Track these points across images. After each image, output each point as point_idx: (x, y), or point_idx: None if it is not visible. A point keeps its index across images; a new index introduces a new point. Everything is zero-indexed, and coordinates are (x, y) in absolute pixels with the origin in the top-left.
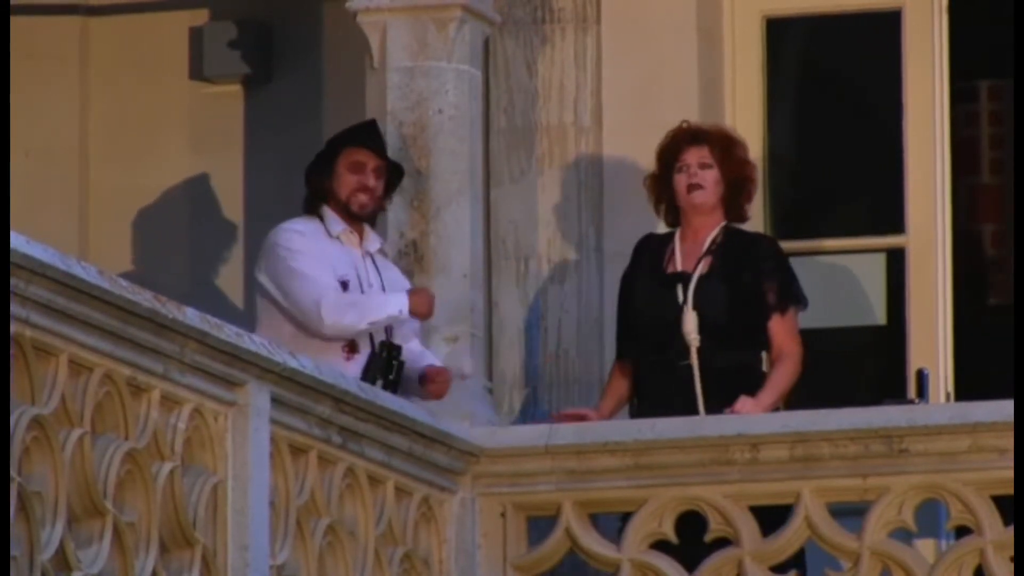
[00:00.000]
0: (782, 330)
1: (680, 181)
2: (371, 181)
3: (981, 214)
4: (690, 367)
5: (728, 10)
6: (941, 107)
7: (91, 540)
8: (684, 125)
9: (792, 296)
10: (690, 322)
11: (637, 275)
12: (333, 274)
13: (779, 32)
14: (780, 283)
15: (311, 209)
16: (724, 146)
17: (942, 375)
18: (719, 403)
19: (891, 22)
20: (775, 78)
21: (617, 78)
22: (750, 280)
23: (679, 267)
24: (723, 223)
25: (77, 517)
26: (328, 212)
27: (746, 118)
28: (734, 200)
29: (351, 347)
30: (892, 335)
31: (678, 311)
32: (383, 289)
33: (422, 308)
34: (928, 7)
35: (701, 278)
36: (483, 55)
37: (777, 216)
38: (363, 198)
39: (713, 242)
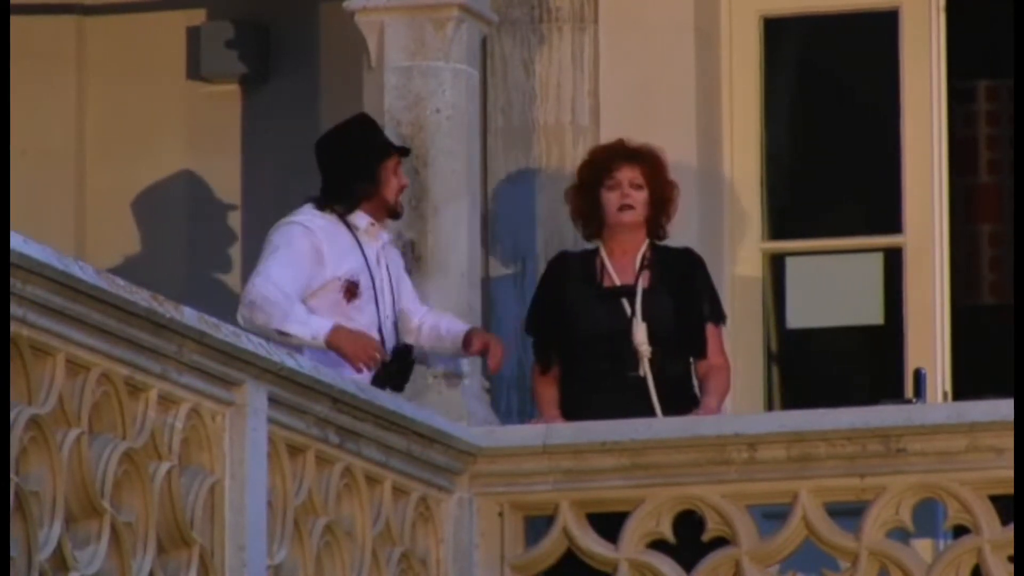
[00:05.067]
0: (714, 341)
1: (611, 200)
2: (405, 180)
3: (978, 214)
4: (642, 377)
5: (726, 10)
6: (938, 107)
7: (89, 540)
8: (619, 142)
9: (719, 310)
10: (640, 333)
11: (566, 291)
12: (298, 283)
13: (776, 32)
14: (710, 295)
15: (327, 206)
16: (655, 166)
17: (939, 375)
18: (672, 410)
19: (888, 22)
20: (772, 78)
21: (615, 78)
22: (688, 291)
23: (617, 281)
24: (647, 240)
25: (75, 517)
26: (358, 213)
27: (743, 118)
28: (656, 219)
29: None
30: (889, 335)
31: (627, 323)
32: (391, 286)
33: (347, 348)
34: (925, 7)
35: (646, 291)
36: (480, 55)
37: (774, 215)
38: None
39: (644, 257)
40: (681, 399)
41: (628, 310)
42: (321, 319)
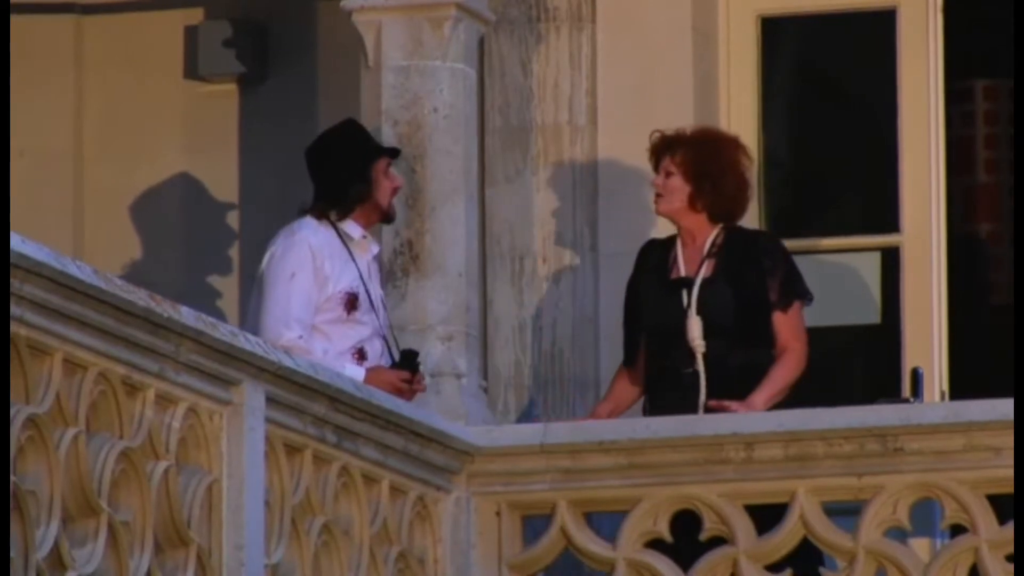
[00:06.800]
0: (784, 327)
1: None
2: (398, 180)
3: (976, 213)
4: (695, 373)
5: (723, 9)
6: (936, 107)
7: (86, 539)
8: (654, 135)
9: (794, 292)
10: (695, 328)
11: (642, 281)
12: (313, 308)
13: (774, 31)
14: (782, 280)
15: (322, 213)
16: (685, 145)
17: (937, 374)
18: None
19: (886, 21)
20: (770, 77)
21: (612, 77)
22: (753, 279)
23: (682, 272)
24: (720, 225)
25: (72, 516)
26: (349, 221)
27: (741, 117)
28: (712, 199)
29: (360, 354)
30: (887, 334)
31: (682, 317)
32: (381, 298)
33: (382, 389)
34: (923, 6)
35: (704, 282)
36: (478, 54)
37: (772, 215)
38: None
39: (713, 244)
40: (748, 392)
41: (685, 303)
42: (353, 368)
